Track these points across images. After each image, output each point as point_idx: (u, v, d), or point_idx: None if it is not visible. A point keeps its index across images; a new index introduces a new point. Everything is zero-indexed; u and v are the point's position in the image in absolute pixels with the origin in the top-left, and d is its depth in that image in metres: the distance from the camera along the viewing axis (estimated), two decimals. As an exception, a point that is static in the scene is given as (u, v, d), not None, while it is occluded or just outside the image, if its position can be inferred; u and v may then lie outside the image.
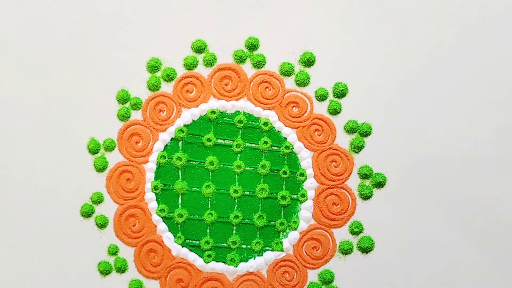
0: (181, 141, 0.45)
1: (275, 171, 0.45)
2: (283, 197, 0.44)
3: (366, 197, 0.44)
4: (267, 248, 0.44)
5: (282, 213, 0.45)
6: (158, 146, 0.45)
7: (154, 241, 0.44)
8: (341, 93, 0.45)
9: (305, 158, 0.45)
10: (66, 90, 0.45)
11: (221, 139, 0.45)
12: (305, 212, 0.44)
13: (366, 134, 0.45)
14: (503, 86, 0.45)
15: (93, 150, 0.44)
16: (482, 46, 0.45)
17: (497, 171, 0.44)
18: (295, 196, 0.45)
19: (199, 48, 0.45)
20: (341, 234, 0.44)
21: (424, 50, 0.45)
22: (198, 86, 0.45)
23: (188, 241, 0.44)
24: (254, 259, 0.44)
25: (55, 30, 0.45)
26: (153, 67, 0.45)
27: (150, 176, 0.44)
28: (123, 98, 0.45)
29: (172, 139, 0.45)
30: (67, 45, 0.45)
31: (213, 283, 0.44)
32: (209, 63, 0.45)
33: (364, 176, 0.44)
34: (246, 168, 0.45)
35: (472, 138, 0.44)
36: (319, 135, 0.45)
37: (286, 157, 0.45)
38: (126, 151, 0.45)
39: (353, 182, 0.45)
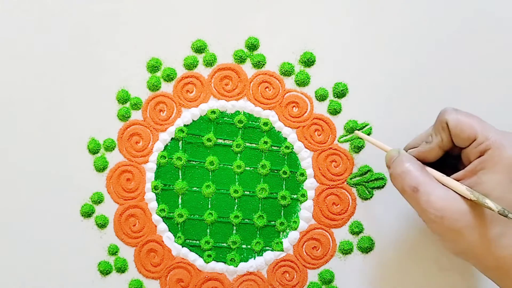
0: (181, 141, 0.45)
1: (275, 171, 0.45)
2: (283, 197, 0.44)
3: (366, 197, 0.44)
4: (267, 248, 0.44)
5: (282, 213, 0.45)
6: (158, 146, 0.45)
7: (154, 241, 0.44)
8: (341, 93, 0.45)
9: (305, 158, 0.45)
10: (66, 90, 0.45)
11: (221, 139, 0.45)
12: (305, 212, 0.44)
13: (366, 134, 0.45)
14: (506, 87, 0.45)
15: (93, 150, 0.44)
16: (483, 46, 0.45)
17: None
18: (295, 196, 0.45)
19: (199, 48, 0.45)
20: (341, 234, 0.44)
21: (425, 50, 0.45)
22: (198, 86, 0.45)
23: (188, 241, 0.44)
24: (254, 259, 0.44)
25: (55, 30, 0.45)
26: (153, 67, 0.45)
27: (150, 176, 0.45)
28: (123, 98, 0.45)
29: (172, 139, 0.45)
30: (67, 45, 0.45)
31: (213, 283, 0.44)
32: (209, 63, 0.45)
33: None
34: (246, 168, 0.45)
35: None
36: (319, 135, 0.45)
37: (286, 157, 0.45)
38: (126, 151, 0.45)
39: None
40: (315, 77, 0.45)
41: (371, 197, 0.44)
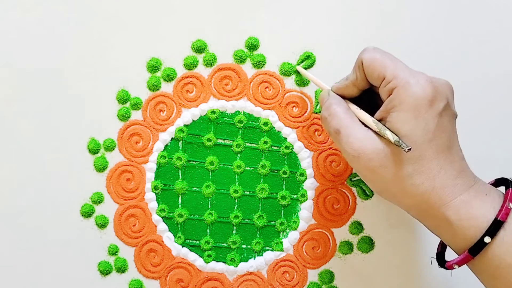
0: (181, 141, 0.45)
1: (275, 171, 0.45)
2: (283, 197, 0.44)
3: (366, 197, 0.44)
4: (267, 248, 0.44)
5: (282, 213, 0.45)
6: (158, 146, 0.45)
7: (154, 241, 0.44)
8: (341, 93, 0.45)
9: (305, 158, 0.45)
10: (66, 90, 0.45)
11: (221, 139, 0.45)
12: (305, 212, 0.44)
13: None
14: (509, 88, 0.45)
15: (93, 150, 0.44)
16: (486, 47, 0.45)
17: (501, 172, 0.44)
18: (295, 196, 0.45)
19: (199, 48, 0.45)
20: (341, 234, 0.44)
21: (425, 50, 0.45)
22: (198, 86, 0.45)
23: (188, 241, 0.44)
24: (254, 259, 0.44)
25: (55, 29, 0.45)
26: (153, 67, 0.45)
27: (150, 176, 0.45)
28: (123, 98, 0.45)
29: (172, 139, 0.45)
30: (67, 45, 0.45)
31: (213, 283, 0.44)
32: (209, 63, 0.45)
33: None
34: (246, 168, 0.45)
35: (472, 139, 0.44)
36: (319, 135, 0.45)
37: (286, 157, 0.45)
38: (126, 151, 0.45)
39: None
40: (315, 77, 0.45)
41: (371, 197, 0.44)
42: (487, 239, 0.32)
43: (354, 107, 0.37)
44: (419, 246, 0.44)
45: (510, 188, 0.34)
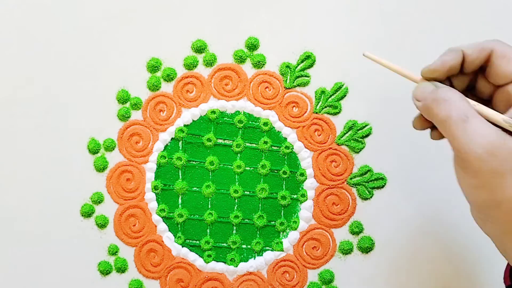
0: (181, 141, 0.45)
1: (275, 171, 0.45)
2: (283, 197, 0.44)
3: (366, 197, 0.44)
4: (267, 248, 0.44)
5: (282, 213, 0.45)
6: (158, 146, 0.45)
7: (154, 241, 0.44)
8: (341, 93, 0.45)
9: (305, 158, 0.45)
10: (66, 90, 0.45)
11: (221, 139, 0.45)
12: (305, 212, 0.44)
13: (366, 134, 0.45)
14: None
15: (93, 150, 0.44)
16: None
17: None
18: (295, 196, 0.45)
19: (199, 48, 0.45)
20: (341, 234, 0.44)
21: (425, 50, 0.45)
22: (198, 86, 0.45)
23: (188, 241, 0.44)
24: (254, 259, 0.44)
25: (55, 29, 0.45)
26: (153, 67, 0.45)
27: (150, 176, 0.45)
28: (123, 98, 0.45)
29: (172, 139, 0.45)
30: (67, 45, 0.45)
31: (213, 283, 0.44)
32: (209, 63, 0.45)
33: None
34: (246, 168, 0.45)
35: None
36: (319, 135, 0.45)
37: (286, 157, 0.45)
38: (126, 151, 0.45)
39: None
40: (315, 77, 0.45)
41: (371, 197, 0.44)
42: None
43: (472, 101, 0.30)
44: (419, 246, 0.44)
45: None
